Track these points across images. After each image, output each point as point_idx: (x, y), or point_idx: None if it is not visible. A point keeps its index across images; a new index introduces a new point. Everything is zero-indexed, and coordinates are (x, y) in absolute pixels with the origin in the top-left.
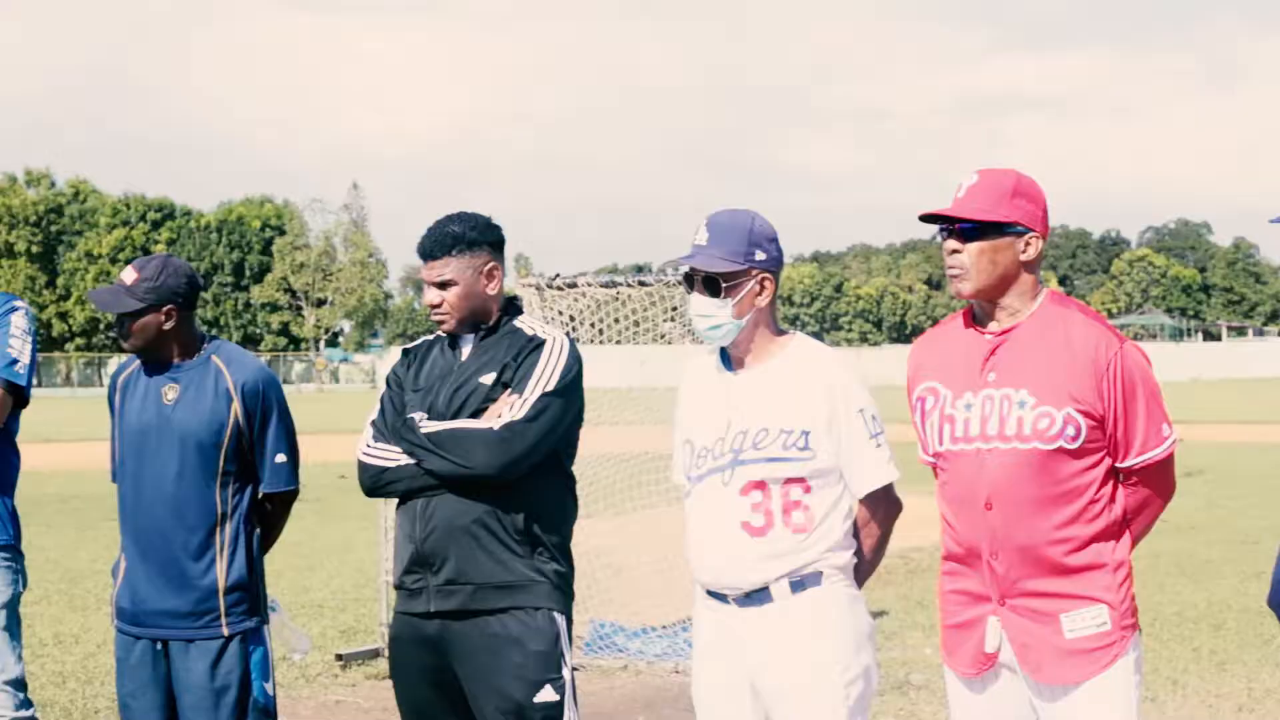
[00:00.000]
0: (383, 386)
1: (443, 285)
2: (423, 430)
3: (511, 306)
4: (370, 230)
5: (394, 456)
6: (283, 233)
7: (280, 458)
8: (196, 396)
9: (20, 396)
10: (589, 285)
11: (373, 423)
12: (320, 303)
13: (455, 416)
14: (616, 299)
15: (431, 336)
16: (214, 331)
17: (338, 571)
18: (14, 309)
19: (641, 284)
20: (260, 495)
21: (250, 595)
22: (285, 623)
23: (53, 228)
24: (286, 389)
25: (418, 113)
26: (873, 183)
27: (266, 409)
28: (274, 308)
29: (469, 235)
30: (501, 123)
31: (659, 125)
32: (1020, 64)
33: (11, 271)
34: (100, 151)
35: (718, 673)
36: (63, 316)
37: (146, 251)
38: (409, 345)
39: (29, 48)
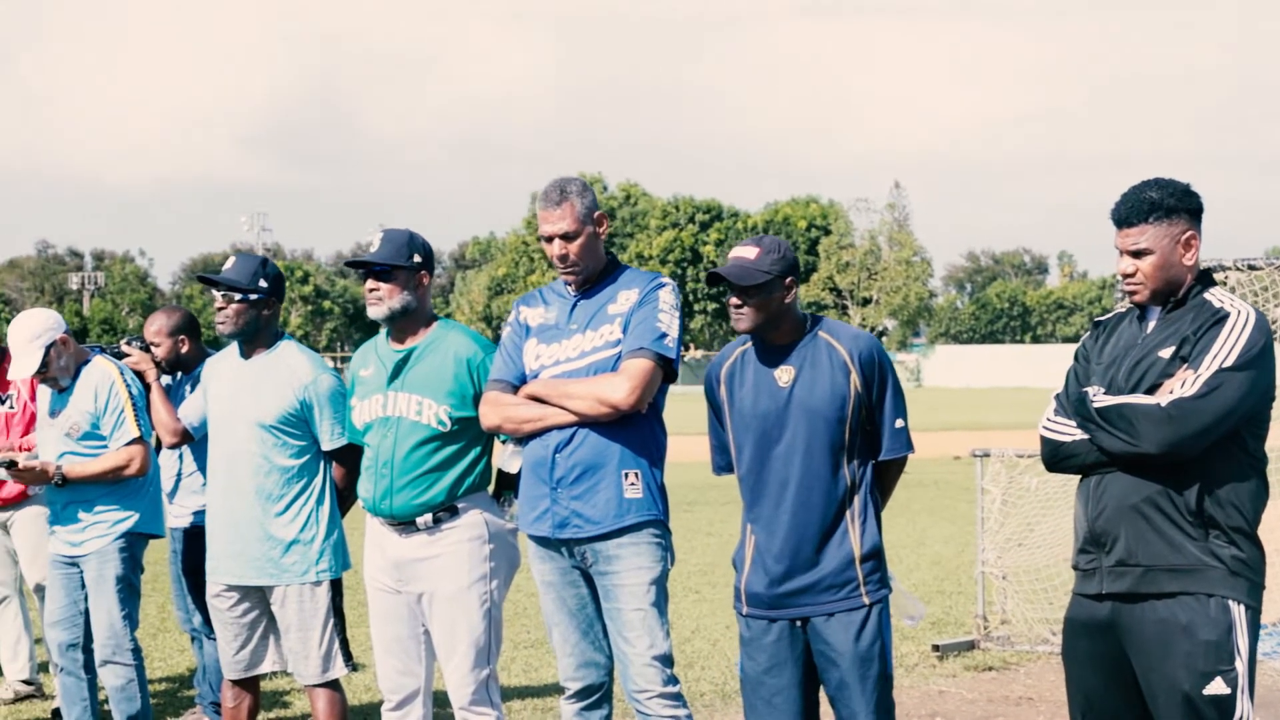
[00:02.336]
0: (920, 385)
1: (1137, 254)
2: (1094, 405)
3: (1206, 278)
4: (913, 229)
5: (1071, 431)
6: (828, 232)
7: (899, 422)
8: (814, 374)
9: (670, 370)
10: None
11: (1056, 396)
12: (865, 301)
13: (1133, 391)
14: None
15: (1123, 309)
16: None
17: (916, 565)
18: (660, 285)
19: (1251, 268)
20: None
21: (881, 563)
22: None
23: None
24: None
25: (953, 111)
26: None
27: (883, 376)
28: (820, 307)
29: (1167, 202)
30: (1032, 118)
31: (1176, 116)
32: None
33: None
34: (649, 156)
35: None
36: None
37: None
38: (1101, 317)
39: (583, 61)
